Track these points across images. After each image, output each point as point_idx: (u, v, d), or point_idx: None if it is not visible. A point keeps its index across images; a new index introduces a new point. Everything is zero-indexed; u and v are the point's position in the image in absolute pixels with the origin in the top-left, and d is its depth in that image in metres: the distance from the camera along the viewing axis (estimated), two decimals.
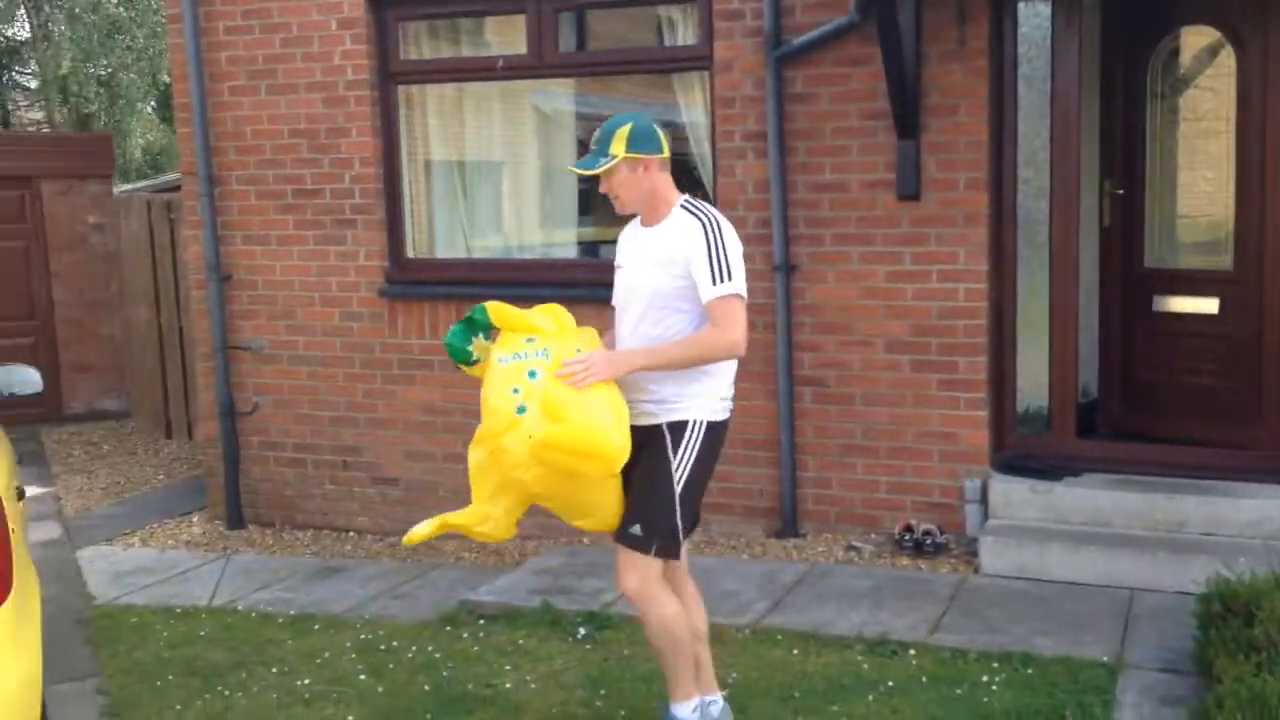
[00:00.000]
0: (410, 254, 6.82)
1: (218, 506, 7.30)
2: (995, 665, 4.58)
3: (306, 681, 4.80)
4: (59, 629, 5.43)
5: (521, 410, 3.56)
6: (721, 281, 3.63)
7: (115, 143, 12.92)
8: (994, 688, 4.39)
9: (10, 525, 3.50)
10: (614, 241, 3.98)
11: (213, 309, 7.02)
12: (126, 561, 6.68)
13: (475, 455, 3.76)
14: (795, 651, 4.82)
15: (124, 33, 19.29)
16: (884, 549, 5.97)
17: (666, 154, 3.77)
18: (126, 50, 19.35)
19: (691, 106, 6.47)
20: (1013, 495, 5.79)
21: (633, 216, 3.88)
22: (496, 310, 3.77)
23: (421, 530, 3.79)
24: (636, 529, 3.72)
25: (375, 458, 6.92)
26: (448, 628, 5.31)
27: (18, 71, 22.27)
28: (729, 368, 3.82)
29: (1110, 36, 6.28)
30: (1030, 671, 4.51)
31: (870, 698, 4.36)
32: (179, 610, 5.79)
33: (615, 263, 3.91)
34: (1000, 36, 5.82)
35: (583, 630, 5.09)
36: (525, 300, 4.02)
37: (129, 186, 11.69)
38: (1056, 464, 5.90)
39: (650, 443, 3.71)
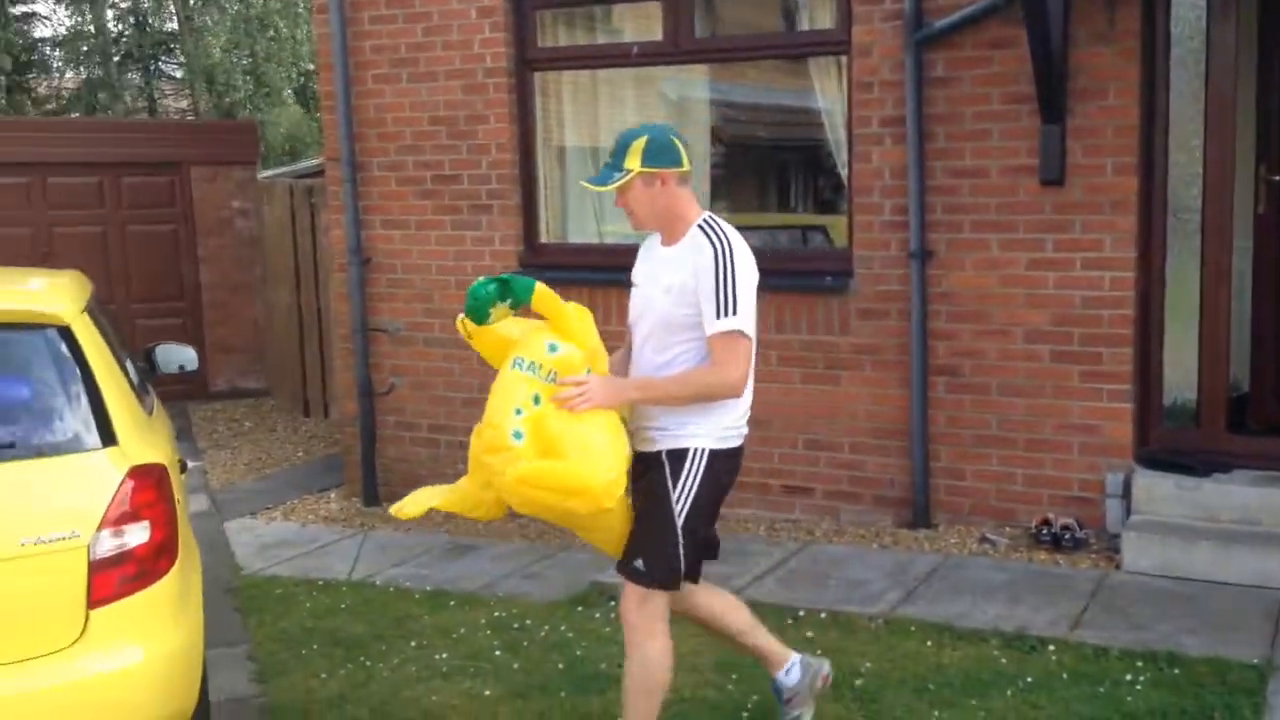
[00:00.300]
0: (543, 239, 6.91)
1: (355, 484, 7.51)
2: (1139, 664, 4.46)
3: (444, 656, 4.91)
4: (211, 597, 5.57)
5: (518, 436, 3.40)
6: (725, 315, 3.42)
7: (258, 130, 13.31)
8: (1138, 687, 4.28)
9: (176, 496, 3.66)
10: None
11: (353, 292, 7.21)
12: (269, 534, 6.92)
13: (476, 443, 3.59)
14: (929, 643, 4.77)
15: (269, 24, 19.92)
16: (1019, 542, 5.85)
17: (686, 167, 3.57)
18: (271, 41, 19.97)
19: (826, 92, 6.41)
20: (1157, 491, 5.62)
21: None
22: (541, 294, 3.60)
23: (409, 508, 3.72)
24: (639, 563, 3.56)
25: None
26: (579, 608, 5.38)
27: (164, 61, 23.18)
28: (739, 399, 3.61)
29: (1268, 17, 6.03)
30: (1176, 672, 4.38)
31: (1009, 693, 4.29)
32: (320, 583, 5.98)
33: (631, 279, 3.75)
34: (1152, 18, 5.63)
35: None
36: None
37: (271, 172, 12.03)
38: (1204, 460, 5.70)
39: (651, 471, 3.56)
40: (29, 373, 3.59)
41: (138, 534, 3.42)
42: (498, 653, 4.92)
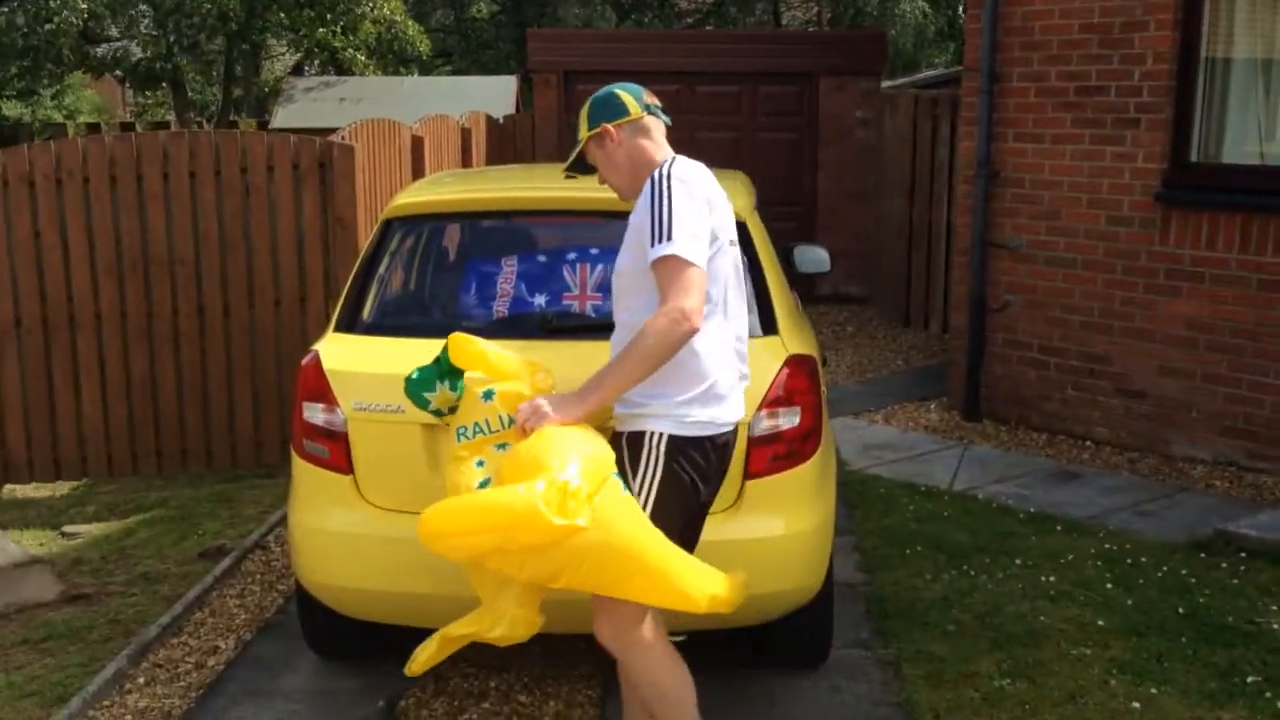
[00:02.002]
0: (1193, 158, 6.38)
1: (956, 397, 7.52)
2: None
3: (1051, 579, 4.84)
4: None
5: (484, 485, 2.96)
6: (660, 242, 2.93)
7: (887, 41, 13.45)
8: None
9: (822, 388, 3.89)
10: None
11: (976, 205, 7.14)
12: (871, 436, 7.15)
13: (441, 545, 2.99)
14: None
15: None
16: None
17: (635, 114, 3.17)
18: None
19: None
20: None
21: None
22: (456, 344, 3.11)
23: (422, 657, 3.12)
24: None
25: (1124, 368, 6.68)
26: (1201, 554, 5.05)
27: None
28: (700, 360, 3.01)
29: None
30: None
31: None
32: (922, 488, 6.10)
33: None
34: None
35: None
36: None
37: (891, 83, 12.17)
38: None
39: (618, 457, 3.02)
40: None
41: (790, 418, 3.68)
42: (1109, 585, 4.75)
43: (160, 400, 6.67)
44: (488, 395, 3.06)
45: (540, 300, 3.97)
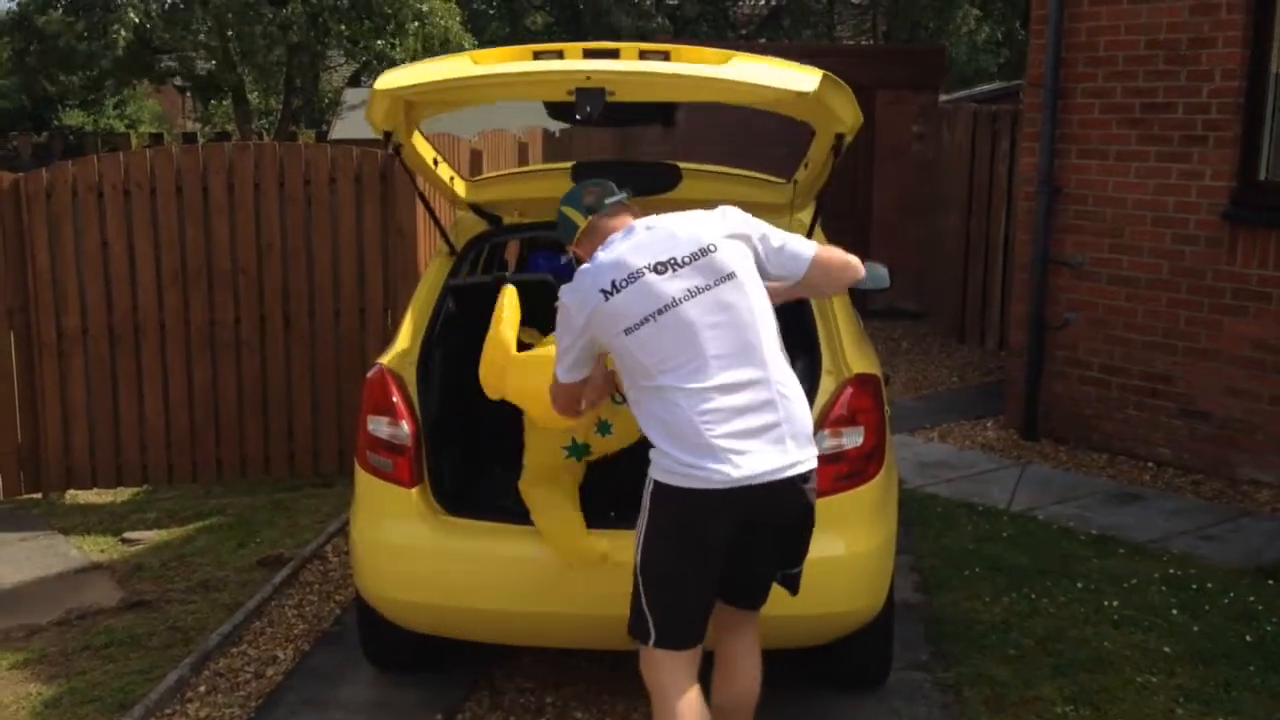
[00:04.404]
0: (1262, 176, 6.27)
1: (1014, 415, 7.43)
2: None
3: (1114, 604, 4.76)
4: None
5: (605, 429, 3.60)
6: None
7: (946, 56, 13.38)
8: None
9: (885, 408, 3.86)
10: None
11: (1037, 221, 7.06)
12: (927, 454, 7.08)
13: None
14: None
15: None
16: None
17: (582, 224, 3.25)
18: None
19: None
20: None
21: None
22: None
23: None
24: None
25: (1188, 389, 6.57)
26: (1269, 581, 4.95)
27: None
28: (670, 415, 2.99)
29: None
30: None
31: None
32: (980, 508, 6.03)
33: None
34: None
35: None
36: None
37: (945, 98, 12.08)
38: None
39: None
40: None
41: (853, 437, 3.66)
42: (1174, 611, 4.67)
43: (221, 409, 6.75)
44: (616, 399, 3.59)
45: None
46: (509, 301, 3.63)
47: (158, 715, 4.05)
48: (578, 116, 3.51)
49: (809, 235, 4.23)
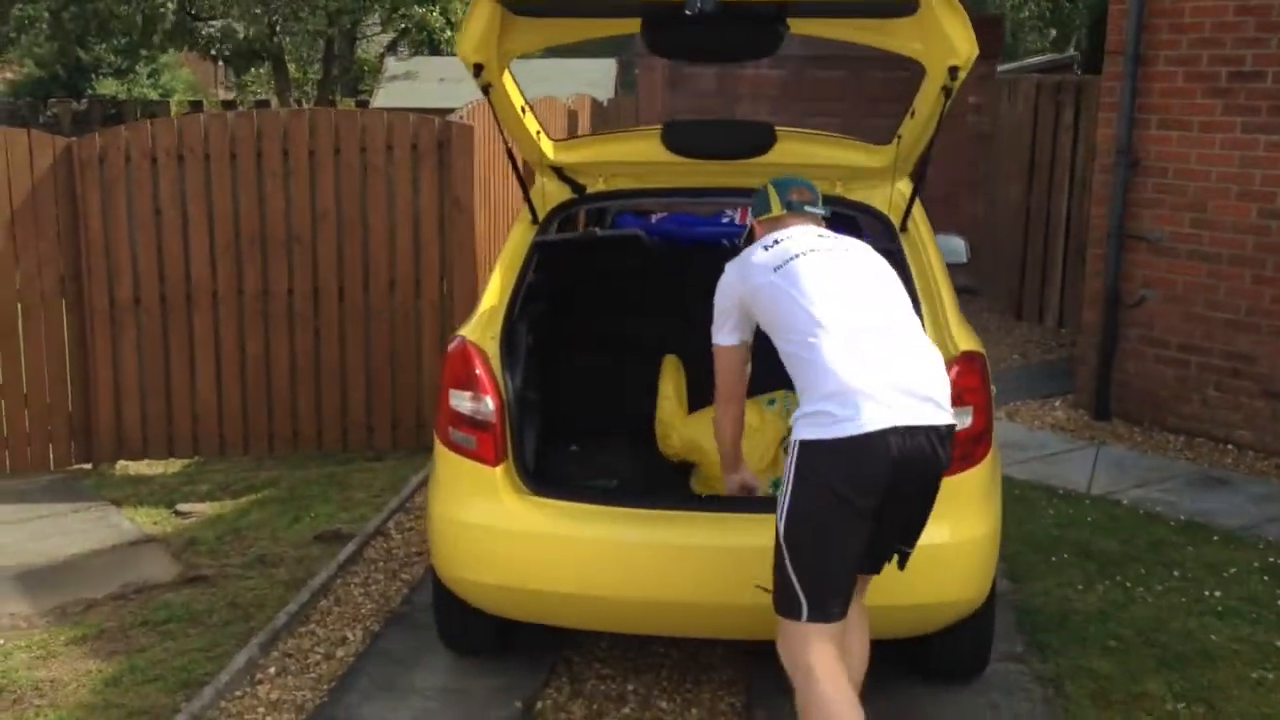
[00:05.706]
0: None
1: (1085, 395, 7.20)
2: None
3: (1216, 594, 4.56)
4: None
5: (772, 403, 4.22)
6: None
7: (1004, 25, 13.05)
8: None
9: (990, 387, 3.66)
10: None
11: (1114, 195, 6.81)
12: (998, 434, 6.84)
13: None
14: None
15: None
16: None
17: (777, 211, 3.47)
18: None
19: None
20: None
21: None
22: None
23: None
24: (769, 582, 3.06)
25: (1271, 369, 6.32)
26: None
27: None
28: (820, 364, 3.00)
29: None
30: None
31: None
32: (1060, 491, 5.83)
33: None
34: None
35: None
36: None
37: (1004, 68, 11.78)
38: None
39: None
40: None
41: (961, 418, 3.45)
42: (1279, 602, 4.47)
43: (273, 381, 6.61)
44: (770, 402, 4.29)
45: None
46: (669, 372, 4.33)
47: (228, 697, 3.91)
48: (687, 12, 3.31)
49: (907, 214, 4.05)
